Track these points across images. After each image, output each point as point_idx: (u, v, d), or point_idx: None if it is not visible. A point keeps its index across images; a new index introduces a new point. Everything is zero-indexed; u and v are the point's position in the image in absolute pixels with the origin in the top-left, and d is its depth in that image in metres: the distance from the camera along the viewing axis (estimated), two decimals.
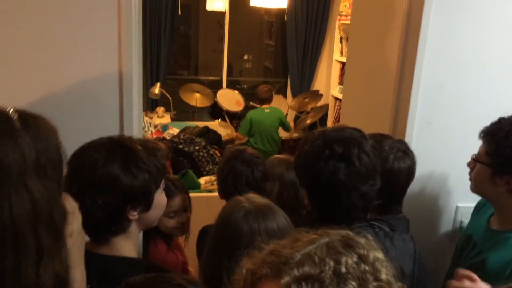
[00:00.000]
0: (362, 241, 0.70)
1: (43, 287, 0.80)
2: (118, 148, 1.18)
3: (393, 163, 1.53)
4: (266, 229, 1.12)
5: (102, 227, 1.20)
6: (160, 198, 1.28)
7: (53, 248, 0.82)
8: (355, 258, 0.67)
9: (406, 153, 1.58)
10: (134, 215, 1.21)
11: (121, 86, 1.55)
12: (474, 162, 1.57)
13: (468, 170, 1.62)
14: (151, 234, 1.73)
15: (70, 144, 0.94)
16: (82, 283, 0.97)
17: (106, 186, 1.14)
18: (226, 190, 1.81)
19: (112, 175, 1.14)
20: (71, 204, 0.94)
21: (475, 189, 1.60)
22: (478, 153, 1.57)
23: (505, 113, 1.53)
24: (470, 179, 1.61)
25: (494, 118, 1.53)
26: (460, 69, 1.85)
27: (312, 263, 0.65)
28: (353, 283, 0.65)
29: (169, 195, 1.55)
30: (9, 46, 1.52)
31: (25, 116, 0.84)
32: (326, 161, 1.26)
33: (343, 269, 0.65)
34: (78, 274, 0.97)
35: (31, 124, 0.83)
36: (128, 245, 1.25)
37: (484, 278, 1.46)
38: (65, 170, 0.89)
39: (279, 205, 1.29)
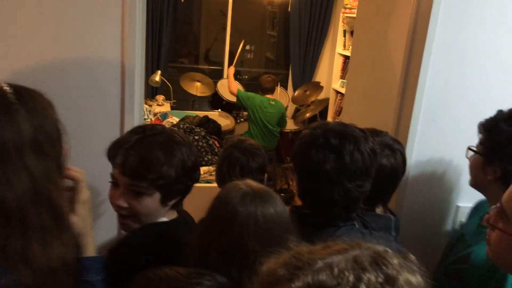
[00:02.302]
0: (396, 261, 0.64)
1: (52, 268, 0.79)
2: None
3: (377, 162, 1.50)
4: (263, 213, 1.10)
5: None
6: None
7: (56, 228, 0.81)
8: (380, 279, 0.61)
9: (394, 152, 1.54)
10: None
11: (123, 74, 1.53)
12: (471, 153, 1.57)
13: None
14: None
15: (71, 131, 0.92)
16: (93, 248, 0.98)
17: None
18: (221, 176, 1.80)
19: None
20: (78, 172, 0.92)
21: (472, 181, 1.61)
22: (476, 145, 1.58)
23: None
24: (469, 172, 1.61)
25: None
26: (466, 67, 1.83)
27: (330, 274, 0.61)
28: None
29: None
30: (11, 33, 1.49)
31: (19, 90, 0.80)
32: (318, 149, 1.26)
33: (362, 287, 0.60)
34: (90, 241, 0.97)
35: (26, 98, 0.79)
36: None
37: (468, 272, 1.47)
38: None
39: None
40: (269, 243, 1.08)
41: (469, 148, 1.59)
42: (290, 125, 5.29)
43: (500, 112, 1.52)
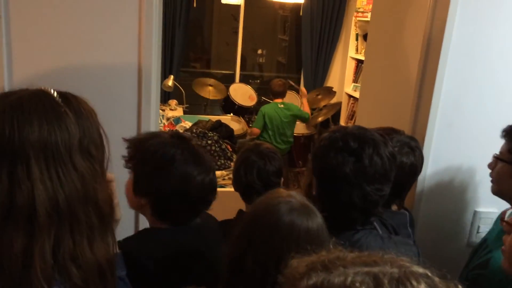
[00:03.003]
0: (423, 285, 0.60)
1: (99, 266, 0.81)
2: None
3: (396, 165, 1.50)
4: (307, 228, 1.08)
5: None
6: None
7: (101, 227, 0.83)
8: None
9: (413, 150, 1.55)
10: None
11: (140, 80, 1.54)
12: (495, 162, 1.55)
13: (488, 172, 1.59)
14: None
15: None
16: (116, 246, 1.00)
17: None
18: (238, 180, 1.82)
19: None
20: (110, 174, 0.95)
21: (496, 189, 1.58)
22: (500, 152, 1.55)
23: None
24: (492, 181, 1.58)
25: None
26: (483, 71, 1.81)
27: (342, 282, 0.59)
28: None
29: None
30: (30, 37, 1.52)
31: (65, 95, 0.83)
32: (337, 152, 1.26)
33: None
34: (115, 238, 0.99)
35: (73, 103, 0.82)
36: None
37: (486, 277, 1.45)
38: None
39: None
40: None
41: (497, 158, 1.55)
42: (302, 129, 5.29)
43: None
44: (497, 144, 1.60)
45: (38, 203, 0.74)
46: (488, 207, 1.90)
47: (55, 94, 0.82)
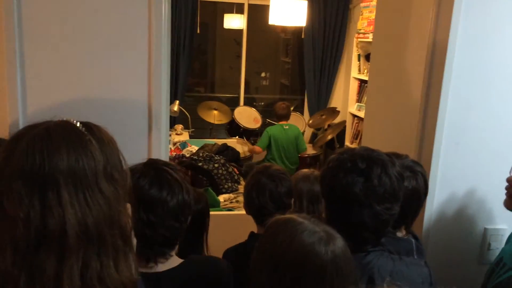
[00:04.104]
0: None
1: (125, 283, 0.84)
2: None
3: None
4: (334, 253, 1.05)
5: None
6: None
7: (124, 250, 0.86)
8: None
9: (415, 174, 1.53)
10: None
11: (150, 110, 1.58)
12: None
13: (497, 189, 1.59)
14: None
15: None
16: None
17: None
18: (250, 203, 1.84)
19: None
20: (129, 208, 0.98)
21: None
22: None
23: None
24: (509, 195, 1.58)
25: None
26: (488, 88, 1.82)
27: None
28: None
29: None
30: (43, 72, 1.56)
31: (88, 125, 0.88)
32: (346, 173, 1.28)
33: None
34: None
35: (95, 132, 0.87)
36: None
37: None
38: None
39: None
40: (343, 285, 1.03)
41: None
42: (309, 150, 5.30)
43: None
44: (504, 161, 1.61)
45: (68, 226, 0.77)
46: (498, 224, 1.90)
47: (78, 124, 0.86)
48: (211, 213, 2.03)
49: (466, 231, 1.93)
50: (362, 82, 5.46)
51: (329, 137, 5.42)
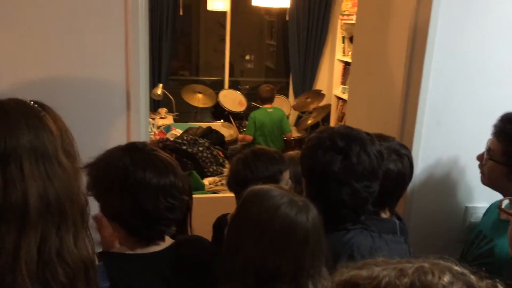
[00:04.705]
0: (447, 277, 0.61)
1: (83, 264, 0.85)
2: None
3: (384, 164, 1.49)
4: (314, 221, 1.11)
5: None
6: None
7: (82, 225, 0.88)
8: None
9: (401, 157, 1.53)
10: None
11: (128, 89, 1.55)
12: (487, 159, 1.56)
13: (477, 166, 1.61)
14: None
15: (79, 147, 0.94)
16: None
17: None
18: (235, 177, 1.78)
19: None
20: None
21: (488, 183, 1.60)
22: (492, 150, 1.56)
23: None
24: (482, 173, 1.60)
25: None
26: (469, 68, 1.83)
27: (368, 276, 0.62)
28: None
29: None
30: (18, 48, 1.53)
31: (38, 102, 0.90)
32: (325, 151, 1.28)
33: None
34: None
35: (47, 109, 0.89)
36: None
37: (492, 265, 1.46)
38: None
39: None
40: (318, 256, 1.10)
41: (492, 159, 1.55)
42: (293, 133, 5.31)
43: None
44: (485, 140, 1.62)
45: (31, 200, 0.78)
46: (479, 202, 1.93)
47: (33, 103, 0.88)
48: (196, 196, 2.02)
49: (447, 210, 1.95)
50: (347, 65, 5.45)
51: (311, 121, 5.42)
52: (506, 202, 1.44)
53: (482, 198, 1.91)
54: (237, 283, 1.08)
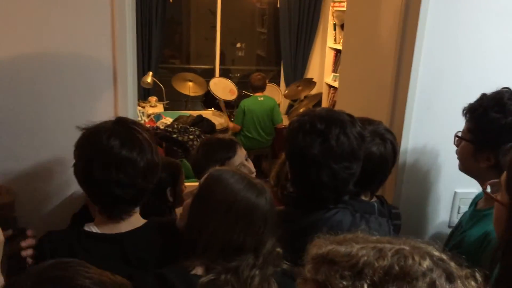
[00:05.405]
0: (427, 262, 0.61)
1: None
2: None
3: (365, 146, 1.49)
4: (270, 203, 1.24)
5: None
6: None
7: None
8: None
9: (385, 141, 1.53)
10: None
11: (115, 75, 1.53)
12: (459, 140, 1.57)
13: None
14: None
15: (64, 133, 0.91)
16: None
17: None
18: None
19: None
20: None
21: (461, 167, 1.61)
22: (463, 130, 1.57)
23: None
24: (458, 158, 1.61)
25: None
26: (460, 54, 1.83)
27: (347, 253, 0.62)
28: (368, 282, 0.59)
29: None
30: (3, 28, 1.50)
31: None
32: (305, 134, 1.31)
33: (370, 269, 0.59)
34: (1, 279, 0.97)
35: None
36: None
37: (462, 254, 1.47)
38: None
39: None
40: (274, 229, 1.23)
41: (458, 136, 1.57)
42: (284, 121, 5.30)
43: (485, 97, 1.49)
44: None
45: None
46: (468, 187, 1.93)
47: None
48: (186, 184, 2.01)
49: (436, 195, 1.96)
50: (338, 52, 5.43)
51: (302, 109, 5.41)
52: (489, 186, 1.45)
53: (472, 184, 1.91)
54: (203, 257, 1.17)
